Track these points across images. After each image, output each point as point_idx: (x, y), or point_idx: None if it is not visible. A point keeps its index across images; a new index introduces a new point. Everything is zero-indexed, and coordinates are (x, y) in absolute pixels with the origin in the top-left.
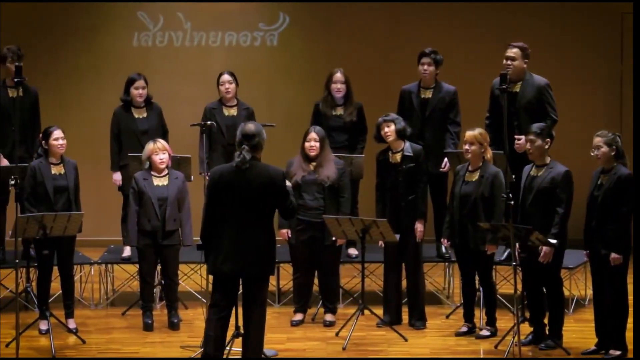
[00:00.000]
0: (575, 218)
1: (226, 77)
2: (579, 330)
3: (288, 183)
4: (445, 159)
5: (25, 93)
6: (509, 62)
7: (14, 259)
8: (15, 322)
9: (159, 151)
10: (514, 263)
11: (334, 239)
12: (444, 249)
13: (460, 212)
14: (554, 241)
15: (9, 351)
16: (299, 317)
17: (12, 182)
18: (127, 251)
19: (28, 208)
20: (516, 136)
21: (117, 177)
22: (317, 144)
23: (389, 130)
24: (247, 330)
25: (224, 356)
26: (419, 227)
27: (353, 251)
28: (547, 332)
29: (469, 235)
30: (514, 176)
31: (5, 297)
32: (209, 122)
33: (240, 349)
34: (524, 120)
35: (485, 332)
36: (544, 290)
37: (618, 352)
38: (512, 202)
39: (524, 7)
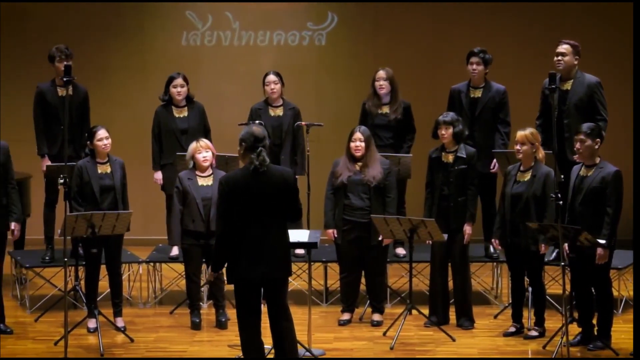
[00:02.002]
0: (624, 218)
1: (272, 77)
2: (628, 331)
3: None
4: (494, 160)
5: (75, 92)
6: (559, 58)
7: (63, 258)
8: (64, 320)
9: (202, 149)
10: (563, 263)
11: (380, 238)
12: (492, 249)
13: (511, 212)
14: (602, 241)
15: (58, 349)
16: (346, 316)
17: (61, 181)
18: (175, 250)
19: (75, 207)
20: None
21: (158, 176)
22: (363, 144)
23: (447, 133)
24: (279, 334)
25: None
26: (467, 229)
27: (401, 251)
28: (595, 333)
29: (521, 235)
30: (562, 176)
31: (54, 295)
32: (257, 122)
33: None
34: (574, 118)
35: (533, 333)
36: (593, 290)
37: None
38: (561, 202)
39: (575, 6)
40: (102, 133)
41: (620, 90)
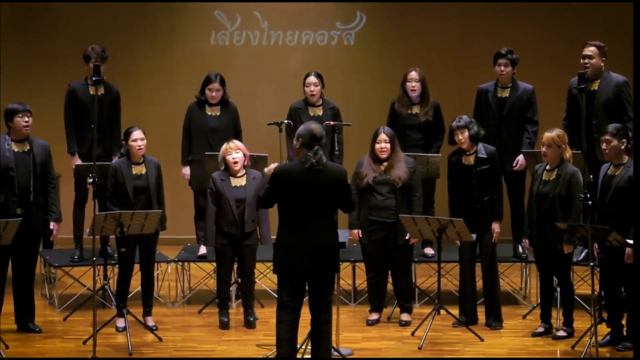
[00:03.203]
0: None
1: (312, 78)
2: None
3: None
4: (519, 157)
5: (107, 91)
6: (586, 60)
7: (92, 257)
8: (92, 319)
9: (232, 151)
10: (592, 263)
11: (407, 237)
12: (520, 249)
13: (538, 211)
14: (631, 241)
15: (87, 348)
16: (374, 316)
17: (90, 180)
18: (203, 249)
19: (110, 208)
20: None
21: (186, 171)
22: (388, 145)
23: (463, 137)
24: (319, 330)
25: (298, 356)
26: (495, 227)
27: (429, 250)
28: (624, 333)
29: (547, 235)
30: (591, 176)
31: (83, 294)
32: (285, 121)
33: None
34: (602, 118)
35: (562, 333)
36: (622, 290)
37: None
38: (590, 202)
39: (600, 7)
40: (137, 134)
41: None
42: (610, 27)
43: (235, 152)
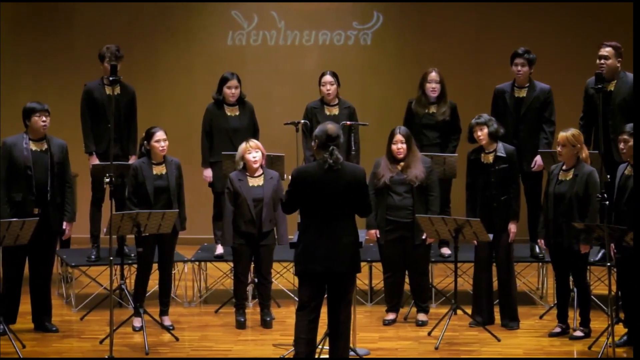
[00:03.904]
0: None
1: (328, 77)
2: None
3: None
4: (536, 158)
5: (123, 91)
6: (602, 61)
7: (109, 257)
8: (109, 319)
9: (251, 150)
10: (609, 264)
11: (423, 237)
12: (537, 249)
13: (554, 211)
14: None
15: (103, 348)
16: (391, 316)
17: (107, 180)
18: (219, 249)
19: (130, 207)
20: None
21: (208, 173)
22: (404, 146)
23: (482, 133)
24: (337, 330)
25: (316, 356)
26: (512, 227)
27: (446, 250)
28: None
29: (564, 235)
30: (609, 176)
31: (100, 294)
32: (302, 121)
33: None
34: (619, 119)
35: (578, 333)
36: None
37: None
38: (607, 202)
39: (616, 7)
40: (160, 135)
41: None
42: (626, 26)
43: (255, 151)
